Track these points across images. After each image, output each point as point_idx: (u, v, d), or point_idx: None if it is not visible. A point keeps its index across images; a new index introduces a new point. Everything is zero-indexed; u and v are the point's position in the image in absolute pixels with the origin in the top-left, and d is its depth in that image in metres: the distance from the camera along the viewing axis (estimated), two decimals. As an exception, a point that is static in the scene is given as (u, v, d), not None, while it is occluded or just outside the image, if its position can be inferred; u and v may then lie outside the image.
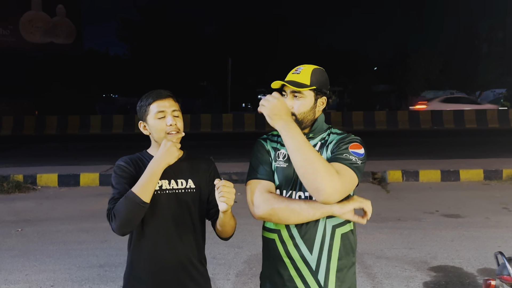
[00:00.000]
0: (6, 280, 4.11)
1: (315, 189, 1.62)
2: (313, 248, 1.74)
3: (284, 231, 1.78)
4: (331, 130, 1.88)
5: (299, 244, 1.76)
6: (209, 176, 1.96)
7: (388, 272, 4.18)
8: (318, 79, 1.82)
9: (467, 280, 4.00)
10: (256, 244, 4.95)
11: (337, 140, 1.80)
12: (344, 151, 1.73)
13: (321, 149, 1.82)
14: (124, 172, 1.84)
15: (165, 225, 1.84)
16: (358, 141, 1.78)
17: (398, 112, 21.47)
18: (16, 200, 7.27)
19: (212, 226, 1.97)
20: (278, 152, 1.86)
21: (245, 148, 5.59)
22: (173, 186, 1.87)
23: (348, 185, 1.67)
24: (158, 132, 1.85)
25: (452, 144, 13.04)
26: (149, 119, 1.86)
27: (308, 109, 1.81)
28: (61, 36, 25.39)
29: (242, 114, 21.77)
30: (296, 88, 1.78)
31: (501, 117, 19.81)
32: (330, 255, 1.75)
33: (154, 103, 1.86)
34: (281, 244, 1.79)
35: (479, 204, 6.60)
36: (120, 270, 4.30)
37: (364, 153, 1.76)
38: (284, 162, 1.82)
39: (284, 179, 1.81)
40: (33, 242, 5.19)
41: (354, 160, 1.71)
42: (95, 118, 20.46)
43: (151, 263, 1.84)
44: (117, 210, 1.74)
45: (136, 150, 2.00)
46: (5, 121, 19.78)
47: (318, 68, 1.86)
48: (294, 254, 1.76)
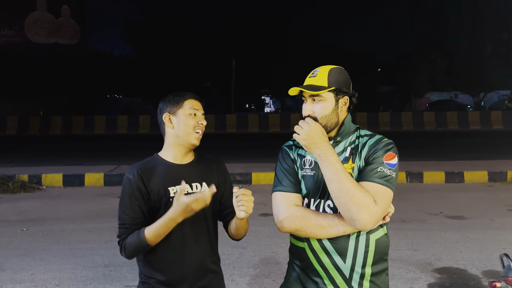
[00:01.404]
0: (12, 279, 4.14)
1: (350, 219, 1.59)
2: (346, 257, 1.68)
3: (315, 241, 1.71)
4: (359, 132, 1.81)
5: (331, 254, 1.70)
6: (221, 178, 1.97)
7: (393, 273, 4.18)
8: (337, 79, 1.75)
9: (472, 282, 4.00)
10: (260, 245, 4.96)
11: (370, 147, 1.73)
12: (379, 165, 1.67)
13: (352, 155, 1.74)
14: (133, 189, 1.81)
15: (182, 231, 1.82)
16: (392, 149, 1.73)
17: (402, 113, 21.45)
18: (21, 200, 7.31)
19: (224, 227, 1.98)
20: (304, 159, 1.79)
21: (249, 149, 5.63)
22: (188, 190, 1.86)
23: (386, 207, 1.66)
24: (187, 127, 1.85)
25: (456, 146, 13.01)
26: (180, 113, 1.87)
27: (330, 112, 1.74)
28: (65, 36, 25.48)
29: (245, 115, 21.82)
30: (313, 92, 1.71)
31: (505, 119, 19.76)
32: (365, 262, 1.69)
33: (189, 100, 1.89)
34: (311, 253, 1.73)
35: (484, 206, 6.58)
36: (125, 270, 4.31)
37: (397, 161, 1.72)
38: (311, 170, 1.76)
39: (312, 188, 1.74)
40: (39, 241, 5.22)
41: (389, 173, 1.67)
42: (100, 119, 20.54)
43: (168, 267, 1.84)
44: (127, 246, 1.80)
45: (140, 150, 2.00)
46: (10, 121, 19.89)
47: (335, 68, 1.79)
48: (327, 263, 1.70)
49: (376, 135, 1.78)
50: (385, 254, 1.76)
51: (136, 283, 3.97)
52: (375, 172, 1.66)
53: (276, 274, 4.20)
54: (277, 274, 4.21)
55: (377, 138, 1.76)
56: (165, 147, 1.93)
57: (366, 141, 1.75)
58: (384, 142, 1.74)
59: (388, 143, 1.74)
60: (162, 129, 1.93)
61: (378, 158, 1.69)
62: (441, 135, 17.11)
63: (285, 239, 5.03)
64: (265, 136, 17.94)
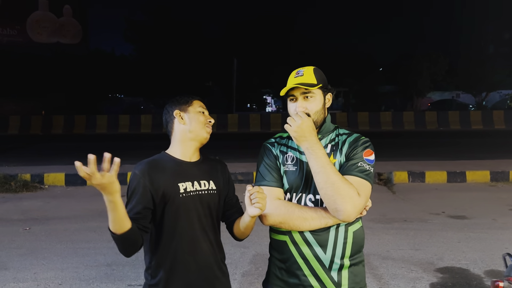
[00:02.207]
0: (15, 278, 4.15)
1: (335, 209, 1.68)
2: (327, 248, 1.77)
3: (296, 233, 1.79)
4: (338, 131, 1.91)
5: (312, 245, 1.77)
6: (225, 178, 2.00)
7: (395, 273, 4.18)
8: (321, 77, 1.87)
9: (474, 281, 4.00)
10: (262, 244, 4.97)
11: (350, 143, 1.84)
12: (359, 160, 1.78)
13: (333, 152, 1.84)
14: (136, 184, 1.82)
15: (192, 227, 1.84)
16: (370, 146, 1.83)
17: (403, 113, 21.43)
18: (24, 199, 7.33)
19: (228, 228, 1.99)
20: (286, 155, 1.88)
21: (250, 149, 5.59)
22: (197, 187, 1.88)
23: (367, 199, 1.75)
24: (199, 123, 1.91)
25: (458, 145, 12.99)
26: (191, 110, 1.93)
27: (320, 108, 1.84)
28: (67, 36, 25.56)
29: (247, 115, 21.82)
30: (309, 88, 1.80)
31: (507, 118, 19.72)
32: (344, 253, 1.78)
33: (197, 101, 1.97)
34: (293, 245, 1.80)
35: (486, 206, 6.58)
36: (127, 269, 4.32)
37: (374, 157, 1.83)
38: (293, 166, 1.85)
39: (294, 183, 1.83)
40: (41, 240, 5.24)
41: (368, 168, 1.77)
42: (102, 118, 20.57)
43: (179, 266, 1.84)
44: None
45: (142, 150, 2.02)
46: (12, 120, 19.93)
47: (316, 68, 1.90)
48: (308, 254, 1.78)
49: (354, 134, 1.88)
50: (361, 246, 1.85)
51: (138, 282, 4.00)
52: (356, 167, 1.76)
53: (278, 274, 4.21)
54: (279, 273, 4.22)
55: (355, 136, 1.87)
56: (173, 145, 1.94)
57: (346, 138, 1.86)
58: (363, 140, 1.85)
59: (366, 141, 1.85)
60: (170, 127, 1.94)
61: (358, 154, 1.79)
62: (443, 135, 17.10)
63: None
64: (267, 135, 17.79)
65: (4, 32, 24.09)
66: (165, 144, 1.99)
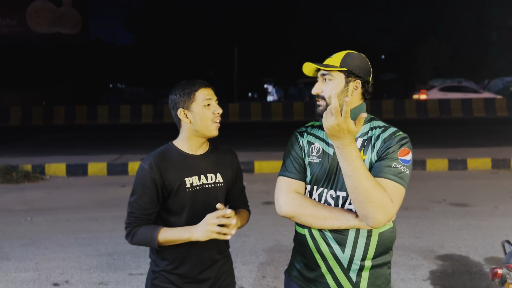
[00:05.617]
0: (17, 268, 4.18)
1: (364, 216, 1.57)
2: (345, 247, 1.66)
3: (315, 230, 1.71)
4: (373, 123, 1.74)
5: (331, 243, 1.68)
6: (233, 170, 1.98)
7: (395, 260, 4.19)
8: (350, 62, 1.70)
9: (474, 268, 4.00)
10: (263, 233, 4.98)
11: (384, 140, 1.67)
12: (393, 161, 1.61)
13: (364, 147, 1.69)
14: (146, 180, 1.80)
15: (199, 220, 1.79)
16: (407, 144, 1.66)
17: (405, 101, 21.32)
18: (25, 190, 7.35)
19: None
20: (313, 146, 1.77)
21: (251, 138, 5.64)
22: (203, 181, 1.86)
23: (399, 206, 1.62)
24: (205, 120, 1.82)
25: (459, 133, 12.95)
26: (194, 107, 1.82)
27: (338, 93, 1.68)
28: (67, 26, 25.38)
29: (248, 104, 21.72)
30: (323, 68, 1.69)
31: (509, 106, 19.61)
32: (366, 254, 1.66)
33: (200, 90, 1.83)
34: (311, 240, 1.72)
35: (487, 193, 6.57)
36: (128, 258, 4.34)
37: (412, 157, 1.67)
38: (317, 158, 1.74)
39: (316, 176, 1.73)
40: (43, 231, 5.26)
41: (403, 170, 1.61)
42: (103, 108, 20.52)
43: (184, 256, 1.85)
44: (137, 236, 1.80)
45: (143, 140, 2.01)
46: (14, 111, 19.91)
47: (354, 52, 1.74)
48: (325, 251, 1.69)
49: (390, 128, 1.72)
50: (388, 248, 1.72)
51: (139, 271, 4.02)
52: (390, 168, 1.60)
53: (279, 262, 4.22)
54: (279, 261, 4.23)
55: (391, 131, 1.69)
56: (180, 138, 1.90)
57: (380, 133, 1.69)
58: (399, 137, 1.67)
59: (403, 137, 1.67)
60: (177, 121, 1.88)
61: (393, 153, 1.63)
62: (445, 123, 17.04)
63: (287, 227, 5.05)
64: (268, 125, 17.91)
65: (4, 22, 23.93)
66: (166, 134, 1.97)
